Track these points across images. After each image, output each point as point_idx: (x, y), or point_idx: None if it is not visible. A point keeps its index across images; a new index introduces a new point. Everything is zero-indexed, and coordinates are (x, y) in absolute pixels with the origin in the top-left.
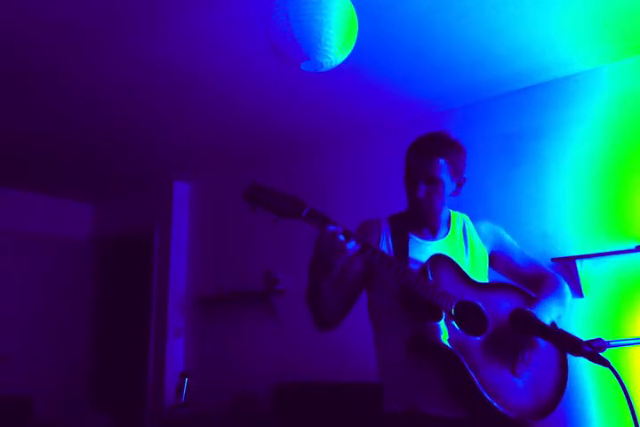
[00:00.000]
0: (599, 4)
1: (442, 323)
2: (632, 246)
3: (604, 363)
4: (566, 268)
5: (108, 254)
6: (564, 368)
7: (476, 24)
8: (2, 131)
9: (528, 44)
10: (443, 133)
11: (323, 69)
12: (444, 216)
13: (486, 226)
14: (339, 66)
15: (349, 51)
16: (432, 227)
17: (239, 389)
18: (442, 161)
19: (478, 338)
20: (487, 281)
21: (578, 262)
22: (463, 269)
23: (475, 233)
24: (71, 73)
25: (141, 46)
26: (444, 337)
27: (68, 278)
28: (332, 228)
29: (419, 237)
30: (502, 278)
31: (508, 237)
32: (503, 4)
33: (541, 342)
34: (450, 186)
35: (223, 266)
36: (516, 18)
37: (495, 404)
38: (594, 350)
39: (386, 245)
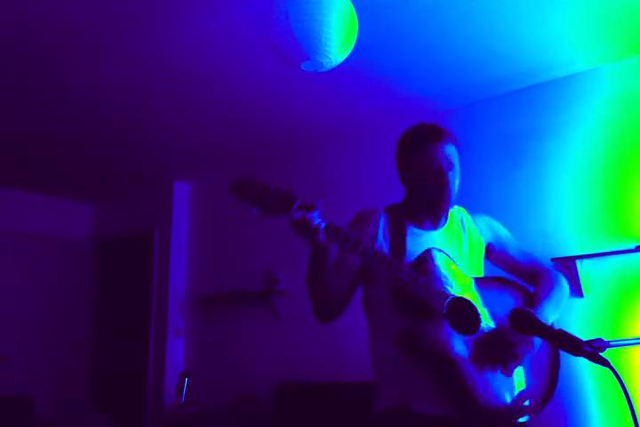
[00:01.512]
0: (600, 4)
1: (434, 322)
2: (632, 246)
3: (604, 363)
4: (566, 268)
5: (108, 254)
6: (554, 370)
7: (477, 24)
8: (2, 131)
9: (529, 44)
10: (437, 124)
11: (323, 69)
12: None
13: (483, 218)
14: (339, 65)
15: (349, 51)
16: (437, 217)
17: (239, 389)
18: (454, 148)
19: (470, 336)
20: (482, 274)
21: (578, 262)
22: (457, 263)
23: (472, 224)
24: (71, 73)
25: (141, 46)
26: (435, 336)
27: (68, 278)
28: (293, 209)
29: (417, 227)
30: (499, 271)
31: (504, 231)
32: (504, 3)
33: (535, 343)
34: (459, 173)
35: (223, 266)
36: (518, 18)
37: (483, 403)
38: (594, 350)
39: (382, 236)
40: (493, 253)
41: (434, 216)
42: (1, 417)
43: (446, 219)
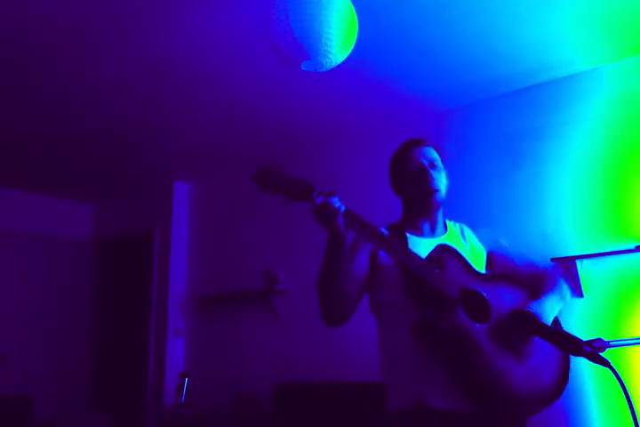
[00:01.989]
0: (600, 4)
1: (449, 311)
2: (632, 246)
3: (604, 363)
4: (566, 268)
5: (109, 255)
6: (566, 359)
7: (477, 23)
8: (2, 131)
9: (529, 44)
10: (419, 138)
11: (323, 69)
12: (441, 213)
13: (483, 229)
14: (339, 65)
15: (349, 50)
16: (432, 221)
17: (239, 389)
18: (433, 150)
19: (482, 325)
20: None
21: (578, 262)
22: (467, 259)
23: (472, 235)
24: (71, 73)
25: (141, 46)
26: (452, 322)
27: (68, 278)
28: (314, 195)
29: (416, 235)
30: None
31: (504, 241)
32: (504, 3)
33: None
34: (444, 176)
35: (223, 266)
36: (518, 18)
37: (497, 390)
38: (594, 350)
39: None
40: (495, 261)
41: (430, 220)
42: (1, 417)
43: (445, 228)
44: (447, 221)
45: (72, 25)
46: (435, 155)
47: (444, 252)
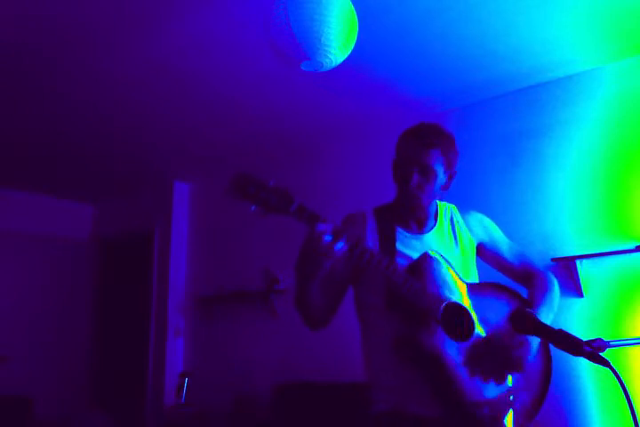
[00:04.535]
0: (600, 4)
1: (429, 328)
2: (632, 246)
3: (604, 363)
4: (566, 268)
5: (108, 254)
6: (547, 379)
7: (477, 23)
8: (2, 131)
9: (529, 44)
10: (437, 125)
11: (323, 69)
12: (432, 208)
13: (474, 216)
14: (339, 65)
15: (349, 51)
16: (419, 219)
17: (239, 389)
18: (437, 152)
19: (464, 343)
20: (476, 276)
21: (578, 262)
22: (453, 267)
23: (462, 224)
24: (71, 73)
25: (141, 46)
26: (431, 342)
27: (68, 278)
28: (321, 227)
29: (406, 230)
30: (492, 271)
31: (497, 229)
32: (504, 3)
33: (532, 346)
34: (442, 178)
35: (223, 266)
36: (518, 17)
37: (475, 410)
38: (594, 350)
39: (371, 240)
40: (485, 252)
41: (416, 219)
42: (1, 417)
43: (436, 220)
44: (439, 205)
45: (72, 25)
46: (432, 155)
47: (428, 260)
